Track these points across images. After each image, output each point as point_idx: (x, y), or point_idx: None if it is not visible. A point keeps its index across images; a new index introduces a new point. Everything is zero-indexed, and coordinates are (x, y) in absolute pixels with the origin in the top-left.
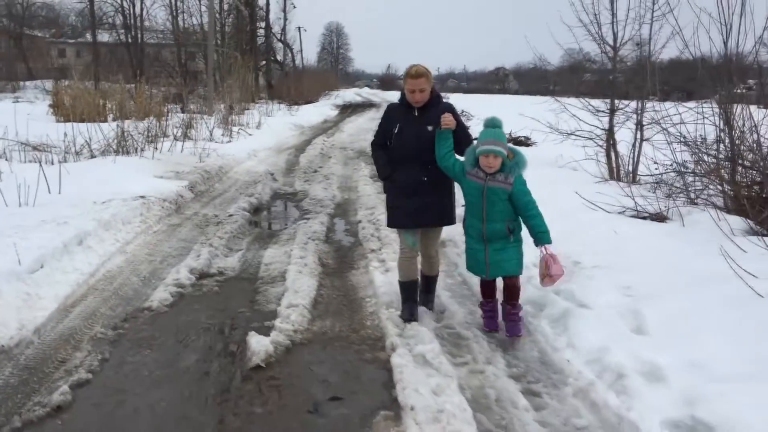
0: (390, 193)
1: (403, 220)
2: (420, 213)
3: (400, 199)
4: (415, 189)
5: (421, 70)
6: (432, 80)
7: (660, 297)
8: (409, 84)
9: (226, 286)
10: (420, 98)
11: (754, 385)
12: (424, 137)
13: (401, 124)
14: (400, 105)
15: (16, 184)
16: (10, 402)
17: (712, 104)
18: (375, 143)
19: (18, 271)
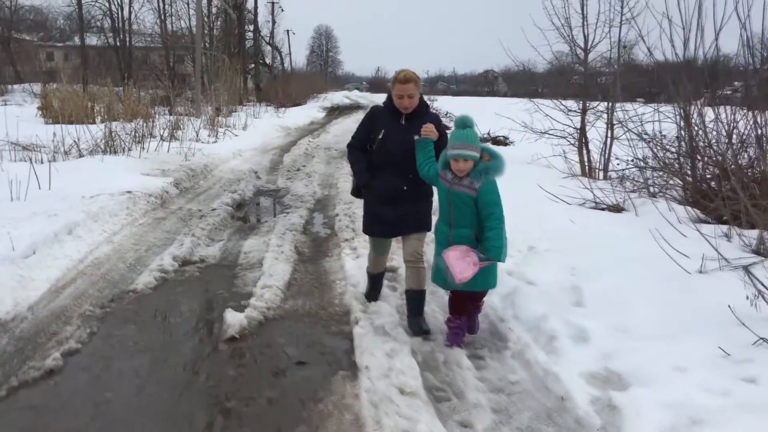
0: (367, 200)
1: (380, 229)
2: (398, 222)
3: (378, 207)
4: (395, 198)
5: (410, 75)
6: (421, 86)
7: (600, 275)
8: (397, 89)
9: (207, 271)
10: (408, 104)
11: (663, 343)
12: (410, 146)
13: (386, 130)
14: (386, 110)
15: (8, 180)
16: (7, 366)
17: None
18: (353, 146)
19: (12, 256)
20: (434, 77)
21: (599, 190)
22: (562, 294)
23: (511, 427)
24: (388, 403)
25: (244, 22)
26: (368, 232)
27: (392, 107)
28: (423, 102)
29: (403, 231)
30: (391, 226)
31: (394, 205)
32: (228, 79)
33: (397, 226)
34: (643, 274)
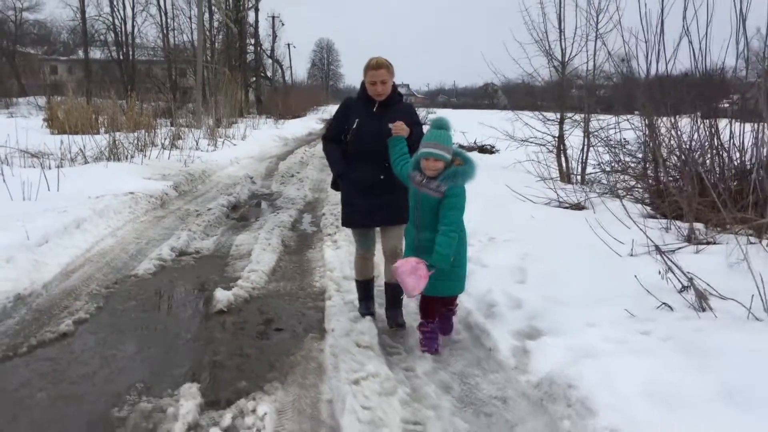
0: (344, 190)
1: (358, 220)
2: (375, 212)
3: (355, 197)
4: (371, 187)
5: (382, 61)
6: (393, 74)
7: (545, 259)
8: (369, 75)
9: (201, 261)
10: (382, 90)
11: (582, 308)
12: (384, 134)
13: (360, 119)
14: (359, 99)
15: (20, 182)
16: (26, 330)
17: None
18: (327, 137)
19: (27, 244)
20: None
21: (562, 191)
22: (509, 274)
23: (447, 371)
24: (346, 354)
25: (246, 35)
26: (346, 224)
27: (365, 96)
28: (396, 91)
29: (381, 221)
30: (369, 216)
31: (371, 195)
32: (228, 91)
33: (375, 216)
34: (581, 258)
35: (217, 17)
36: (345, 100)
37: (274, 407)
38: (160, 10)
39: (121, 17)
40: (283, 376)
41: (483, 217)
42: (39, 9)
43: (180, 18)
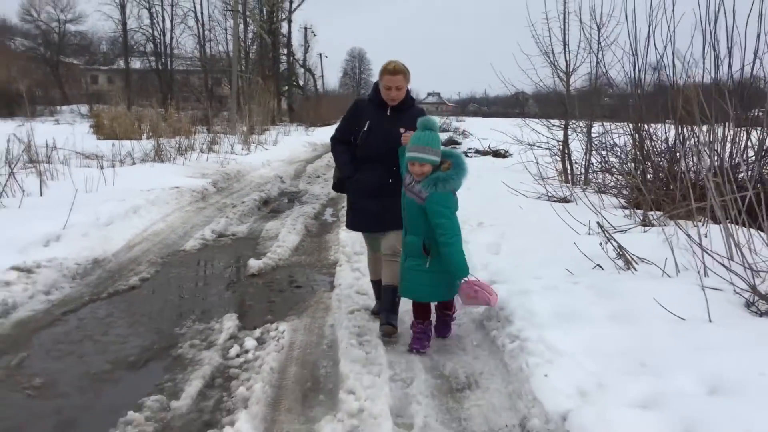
0: (351, 193)
1: (364, 224)
2: (382, 217)
3: (362, 201)
4: (379, 191)
5: (400, 66)
6: (409, 79)
7: (519, 238)
8: (386, 80)
9: (237, 241)
10: (396, 96)
11: (533, 269)
12: (395, 139)
13: (371, 122)
14: (371, 102)
15: (83, 178)
16: (104, 283)
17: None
18: (336, 138)
19: (98, 224)
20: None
21: (551, 187)
22: (486, 249)
23: None
24: (348, 299)
25: (279, 46)
26: (351, 226)
27: (378, 99)
28: (409, 95)
29: (387, 226)
30: (375, 219)
31: (377, 199)
32: (262, 100)
33: (381, 220)
34: (548, 237)
35: (252, 28)
36: (356, 101)
37: (291, 327)
38: (197, 22)
39: (160, 29)
40: (299, 312)
41: (477, 207)
42: (82, 21)
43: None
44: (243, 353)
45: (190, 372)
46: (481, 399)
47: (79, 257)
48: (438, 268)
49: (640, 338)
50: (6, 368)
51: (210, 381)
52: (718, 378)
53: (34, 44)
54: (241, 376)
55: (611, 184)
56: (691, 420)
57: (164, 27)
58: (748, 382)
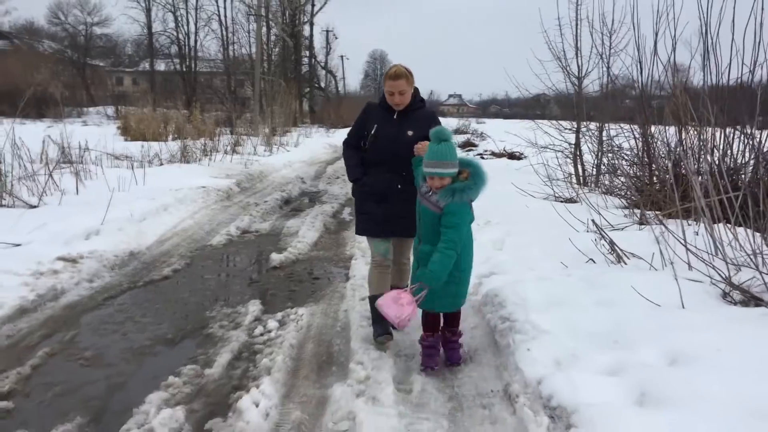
0: (359, 197)
1: (372, 228)
2: (390, 222)
3: (370, 206)
4: (387, 196)
5: (401, 70)
6: (413, 83)
7: (522, 235)
8: (388, 85)
9: (259, 237)
10: (399, 101)
11: (531, 262)
12: (402, 142)
13: (378, 125)
14: (379, 106)
15: (116, 177)
16: (140, 273)
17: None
18: (347, 142)
19: (132, 219)
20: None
21: (557, 187)
22: (491, 245)
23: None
24: (361, 288)
25: (301, 48)
26: (359, 231)
27: (386, 103)
28: (417, 97)
29: (396, 232)
30: (383, 225)
31: (386, 204)
32: (284, 102)
33: (389, 226)
34: (549, 234)
35: (274, 31)
36: (366, 106)
37: (309, 312)
38: (221, 26)
39: (184, 32)
40: (317, 299)
41: (486, 207)
42: (108, 24)
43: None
44: (266, 332)
45: (220, 347)
46: (474, 371)
47: (117, 250)
48: (452, 279)
49: (616, 321)
50: (60, 343)
51: (237, 354)
52: (678, 352)
53: (61, 47)
54: (265, 351)
55: (617, 185)
56: (647, 384)
57: (188, 30)
58: (704, 356)
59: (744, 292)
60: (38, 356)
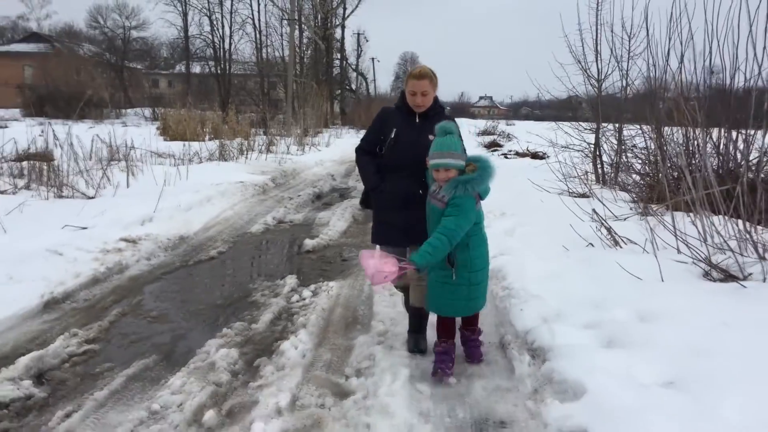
0: (378, 205)
1: (392, 237)
2: (410, 229)
3: (389, 213)
4: (407, 202)
5: (426, 71)
6: (437, 85)
7: (533, 225)
8: (410, 85)
9: (294, 226)
10: (421, 102)
11: (536, 248)
12: (424, 146)
13: (399, 129)
14: (398, 109)
15: (163, 173)
16: (190, 254)
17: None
18: (361, 148)
19: (180, 209)
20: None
21: (571, 183)
22: (504, 233)
23: None
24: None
25: (332, 51)
26: (378, 241)
27: (405, 107)
28: (437, 102)
29: (416, 239)
30: (404, 233)
31: (406, 211)
32: (315, 104)
33: (410, 233)
34: (558, 224)
35: (307, 34)
36: (382, 110)
37: (338, 285)
38: (255, 29)
39: (219, 35)
40: (345, 276)
41: (504, 201)
42: (145, 28)
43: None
44: (301, 300)
45: (263, 310)
46: None
47: (169, 234)
48: (464, 281)
49: (600, 290)
50: (129, 305)
51: (278, 315)
52: (647, 313)
53: (100, 50)
54: (301, 313)
55: (630, 183)
56: (615, 334)
57: (223, 33)
58: (669, 315)
59: (722, 271)
60: (113, 315)
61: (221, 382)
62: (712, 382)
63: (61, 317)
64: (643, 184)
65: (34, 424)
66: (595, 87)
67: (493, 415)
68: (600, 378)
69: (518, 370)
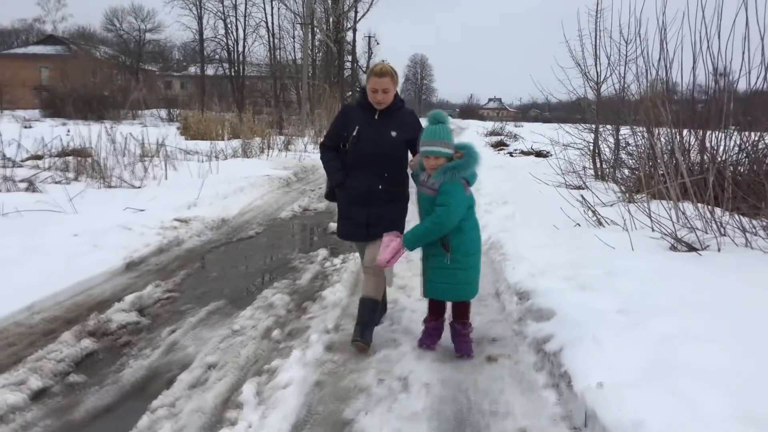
0: (343, 201)
1: (354, 233)
2: (372, 225)
3: (352, 209)
4: (369, 198)
5: (387, 68)
6: (397, 82)
7: (529, 209)
8: (372, 82)
9: (318, 213)
10: (382, 99)
11: (531, 227)
12: (385, 142)
13: (360, 126)
14: (359, 106)
15: (197, 167)
16: (231, 234)
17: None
18: (325, 145)
19: (218, 197)
20: (527, 104)
21: (568, 177)
22: (505, 217)
23: None
24: None
25: (344, 53)
26: (341, 236)
27: (366, 103)
28: (398, 97)
29: (377, 236)
30: (365, 228)
31: (368, 206)
32: (328, 105)
33: (372, 228)
34: (551, 210)
35: (319, 37)
36: (344, 106)
37: None
38: (268, 32)
39: (234, 38)
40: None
41: (506, 192)
42: (160, 30)
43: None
44: (333, 265)
45: (302, 272)
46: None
47: (212, 217)
48: (460, 265)
49: (579, 255)
50: (192, 269)
51: (316, 275)
52: (614, 268)
53: (115, 52)
54: (334, 274)
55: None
56: (585, 283)
57: (237, 36)
58: (631, 272)
59: (685, 244)
60: (181, 274)
61: (280, 315)
62: (649, 310)
63: (141, 275)
64: (631, 177)
65: (148, 337)
66: (594, 89)
67: (488, 335)
68: (567, 307)
69: (508, 308)
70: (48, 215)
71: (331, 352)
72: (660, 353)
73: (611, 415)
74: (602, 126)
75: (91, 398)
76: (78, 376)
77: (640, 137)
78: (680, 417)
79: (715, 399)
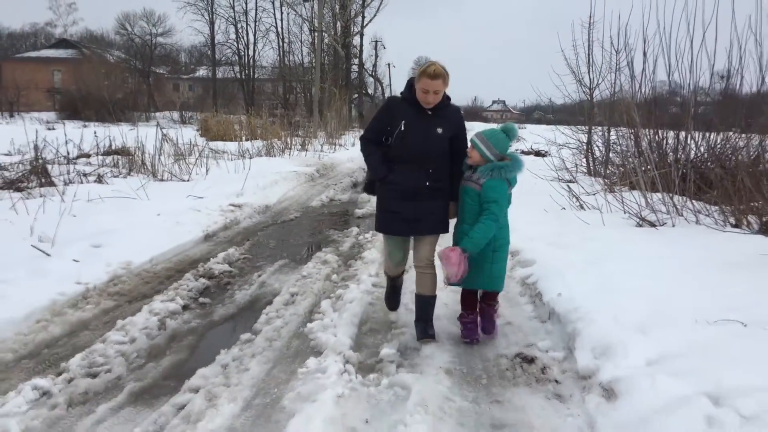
0: (384, 195)
1: (398, 227)
2: (417, 220)
3: (397, 204)
4: (415, 194)
5: (440, 70)
6: (448, 84)
7: (523, 200)
8: (423, 83)
9: (343, 203)
10: (433, 100)
11: (527, 215)
12: (433, 139)
13: (408, 121)
14: (405, 101)
15: (233, 164)
16: (274, 217)
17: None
18: (366, 138)
19: (258, 188)
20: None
21: (561, 172)
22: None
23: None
24: None
25: (351, 57)
26: (384, 230)
27: (413, 99)
28: (445, 95)
29: (422, 230)
30: (411, 224)
31: (414, 202)
32: (337, 108)
33: (417, 224)
34: (543, 199)
35: (327, 41)
36: (389, 101)
37: None
38: (278, 36)
39: (244, 42)
40: None
41: None
42: (170, 35)
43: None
44: (366, 239)
45: (341, 243)
46: None
47: (257, 203)
48: (485, 257)
49: (561, 229)
50: (253, 241)
51: (352, 245)
52: (587, 236)
53: (127, 56)
54: (367, 245)
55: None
56: (564, 245)
57: (248, 40)
58: (600, 239)
59: (648, 222)
60: (247, 244)
61: (334, 267)
62: (607, 261)
63: (217, 244)
64: (615, 173)
65: (242, 279)
66: (587, 94)
67: None
68: (546, 258)
69: None
70: (126, 201)
71: (375, 287)
72: (604, 281)
73: (563, 309)
74: (594, 127)
75: (219, 310)
76: (205, 299)
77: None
78: (608, 306)
79: (635, 303)
